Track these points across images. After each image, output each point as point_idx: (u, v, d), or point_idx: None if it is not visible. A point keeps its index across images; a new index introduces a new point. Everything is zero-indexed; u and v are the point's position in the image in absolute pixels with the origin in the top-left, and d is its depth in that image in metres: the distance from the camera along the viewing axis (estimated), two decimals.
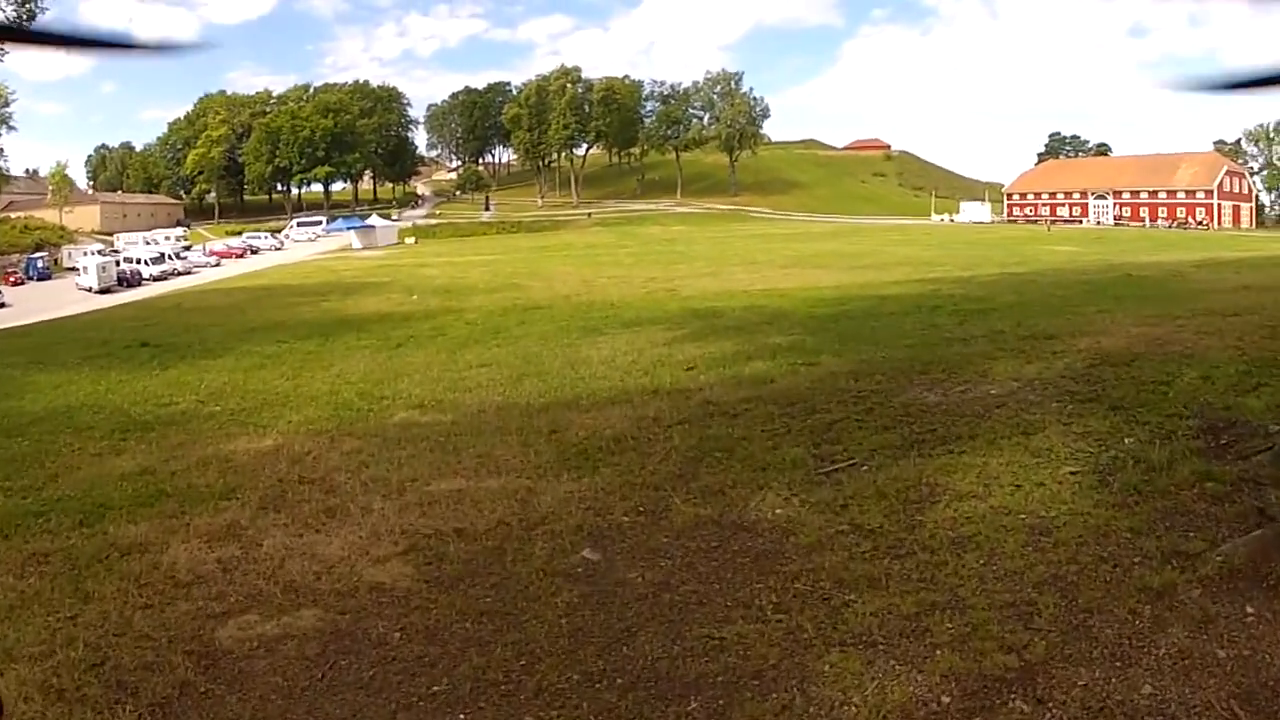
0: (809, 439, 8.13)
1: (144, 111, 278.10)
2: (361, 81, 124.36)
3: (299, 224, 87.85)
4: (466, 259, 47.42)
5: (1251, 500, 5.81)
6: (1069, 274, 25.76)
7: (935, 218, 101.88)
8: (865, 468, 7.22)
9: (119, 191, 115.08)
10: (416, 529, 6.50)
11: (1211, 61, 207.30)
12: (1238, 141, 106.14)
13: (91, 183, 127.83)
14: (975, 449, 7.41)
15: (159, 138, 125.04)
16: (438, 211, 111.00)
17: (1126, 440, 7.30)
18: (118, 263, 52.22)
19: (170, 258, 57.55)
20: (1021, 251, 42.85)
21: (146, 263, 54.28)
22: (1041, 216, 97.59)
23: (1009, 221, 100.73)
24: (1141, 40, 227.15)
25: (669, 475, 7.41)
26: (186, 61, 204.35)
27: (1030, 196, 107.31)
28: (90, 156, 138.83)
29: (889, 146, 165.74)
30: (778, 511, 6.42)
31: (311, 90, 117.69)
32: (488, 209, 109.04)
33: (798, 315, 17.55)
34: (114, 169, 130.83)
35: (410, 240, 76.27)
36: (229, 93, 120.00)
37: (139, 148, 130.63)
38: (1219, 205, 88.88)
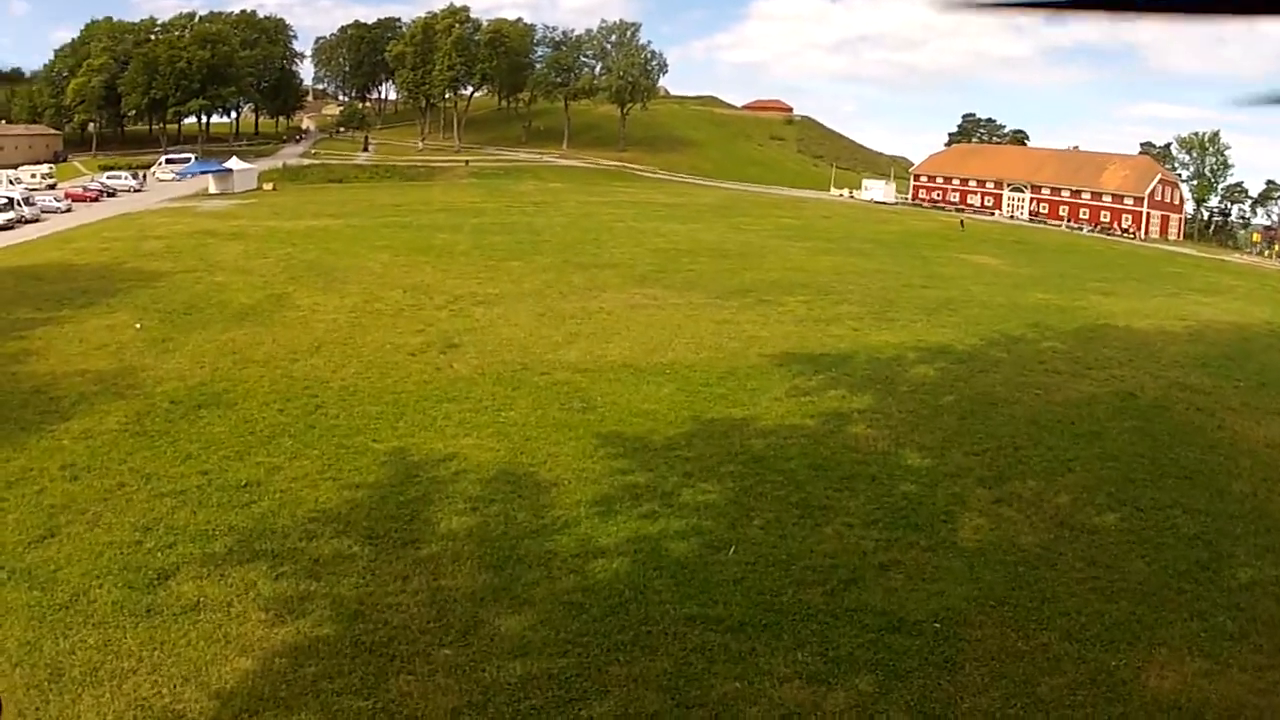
0: None
1: (57, 32, 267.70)
2: (249, 12, 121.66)
3: (167, 160, 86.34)
4: (292, 225, 45.16)
5: None
6: (1045, 380, 21.19)
7: (834, 192, 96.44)
8: None
9: (3, 122, 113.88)
10: None
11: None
12: (1167, 146, 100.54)
13: None
14: None
15: (45, 64, 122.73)
16: (314, 150, 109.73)
17: None
18: None
19: (18, 204, 52.43)
20: (938, 270, 39.26)
21: None
22: (950, 203, 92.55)
23: (915, 204, 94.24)
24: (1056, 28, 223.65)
25: None
26: None
27: (940, 180, 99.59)
28: None
29: (791, 109, 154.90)
30: None
31: (196, 19, 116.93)
32: (366, 149, 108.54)
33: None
34: (4, 96, 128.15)
35: (268, 186, 77.96)
36: (115, 19, 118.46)
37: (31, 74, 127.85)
38: (1148, 214, 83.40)
